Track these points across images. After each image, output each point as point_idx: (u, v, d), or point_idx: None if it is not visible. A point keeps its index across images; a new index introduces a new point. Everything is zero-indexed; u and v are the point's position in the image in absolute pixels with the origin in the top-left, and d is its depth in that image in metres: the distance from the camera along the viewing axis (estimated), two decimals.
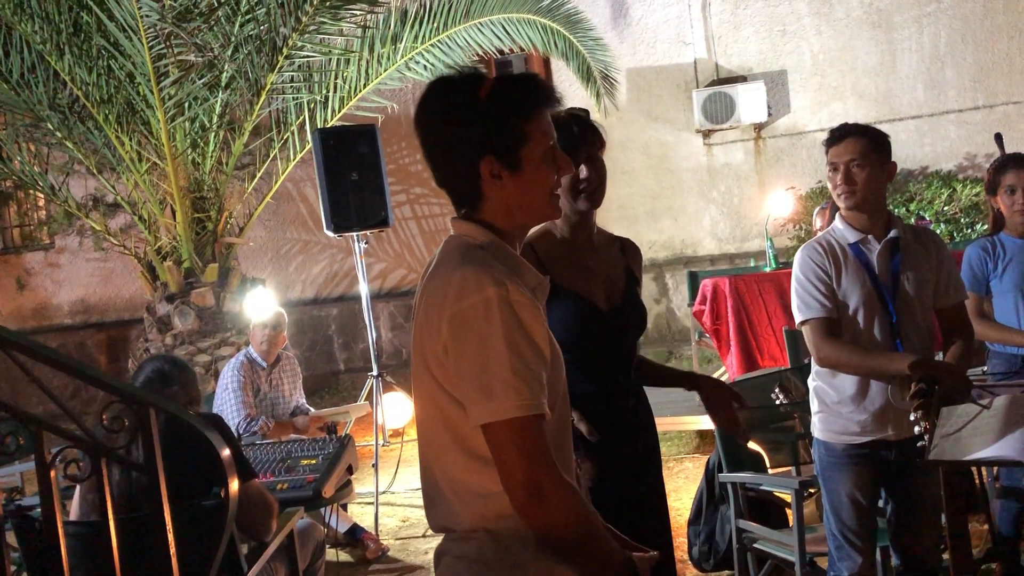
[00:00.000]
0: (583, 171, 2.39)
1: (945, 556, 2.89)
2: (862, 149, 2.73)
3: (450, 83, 1.68)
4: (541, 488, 1.53)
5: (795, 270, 2.84)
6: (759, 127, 8.98)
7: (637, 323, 2.51)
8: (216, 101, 6.82)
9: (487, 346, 1.53)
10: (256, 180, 7.40)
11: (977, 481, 4.06)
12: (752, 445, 4.10)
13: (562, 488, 1.55)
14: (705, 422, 5.50)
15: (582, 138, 2.39)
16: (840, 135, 2.77)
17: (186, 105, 6.71)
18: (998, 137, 4.84)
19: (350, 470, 3.82)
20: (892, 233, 2.78)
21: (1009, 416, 2.37)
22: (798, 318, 2.81)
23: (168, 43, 6.39)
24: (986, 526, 3.82)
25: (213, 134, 6.97)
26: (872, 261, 2.77)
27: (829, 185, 2.81)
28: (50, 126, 6.91)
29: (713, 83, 8.95)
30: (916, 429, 2.52)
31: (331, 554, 4.63)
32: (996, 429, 2.39)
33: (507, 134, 1.64)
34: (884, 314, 2.74)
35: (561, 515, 1.55)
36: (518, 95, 1.66)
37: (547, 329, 1.64)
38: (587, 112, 2.48)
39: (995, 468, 3.52)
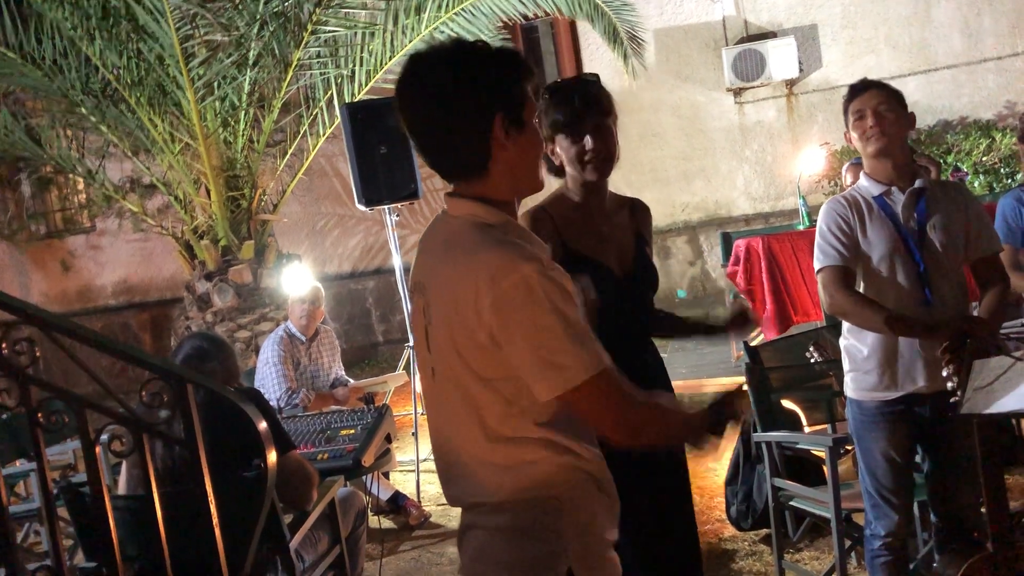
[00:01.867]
0: (588, 142, 2.38)
1: (983, 510, 2.87)
2: (886, 95, 2.77)
3: (452, 48, 1.68)
4: (635, 428, 1.68)
5: (818, 222, 2.85)
6: (791, 83, 8.84)
7: (649, 286, 2.52)
8: (245, 79, 6.87)
9: (538, 323, 1.56)
10: (288, 156, 7.46)
11: (1017, 434, 4.04)
12: (788, 404, 4.11)
13: (648, 415, 1.70)
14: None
15: (585, 108, 2.38)
16: (862, 87, 2.81)
17: (215, 85, 6.78)
18: None
19: (388, 439, 3.88)
20: (917, 183, 2.77)
21: None
22: (816, 267, 2.82)
23: (194, 24, 6.45)
24: None
25: (243, 112, 7.03)
26: (897, 212, 2.76)
27: (855, 134, 2.79)
28: (84, 110, 7.02)
29: (742, 40, 8.81)
30: (949, 385, 2.50)
31: (374, 521, 4.72)
32: None
33: (514, 91, 1.66)
34: (911, 263, 2.72)
35: (656, 435, 1.76)
36: (515, 57, 1.70)
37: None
38: (597, 77, 2.46)
39: None
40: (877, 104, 2.73)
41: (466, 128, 1.65)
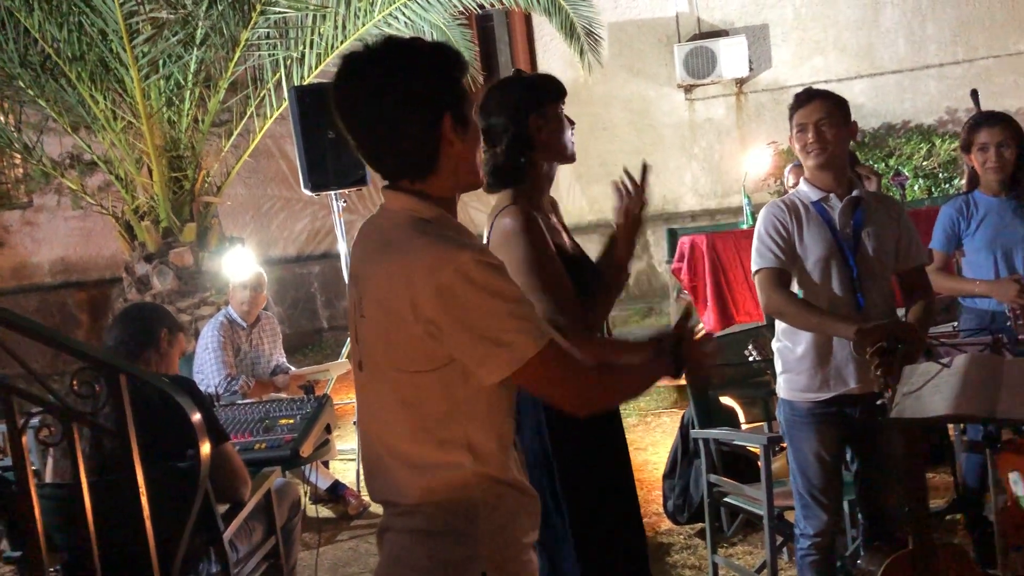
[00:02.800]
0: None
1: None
2: (829, 108, 2.80)
3: (394, 47, 1.65)
4: (590, 396, 1.70)
5: (757, 225, 2.92)
6: (741, 82, 8.95)
7: (592, 276, 2.54)
8: (191, 58, 6.72)
9: (480, 308, 1.55)
10: (234, 138, 7.32)
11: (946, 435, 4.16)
12: (727, 400, 4.18)
13: (602, 380, 1.72)
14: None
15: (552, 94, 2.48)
16: (807, 98, 2.85)
17: (160, 63, 6.62)
18: (974, 93, 4.86)
19: (328, 429, 3.85)
20: (854, 192, 2.85)
21: (968, 374, 2.42)
22: (752, 268, 2.89)
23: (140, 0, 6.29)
24: (952, 478, 3.92)
25: (189, 92, 6.88)
26: (834, 218, 2.83)
27: (796, 146, 2.85)
28: (21, 84, 6.80)
29: (695, 37, 8.89)
30: (876, 388, 2.57)
31: (312, 510, 4.69)
32: (956, 387, 2.44)
33: (459, 89, 1.65)
34: (844, 268, 2.80)
35: (614, 398, 1.83)
36: (454, 53, 1.69)
37: None
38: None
39: (961, 423, 3.59)
40: (819, 119, 2.77)
41: (416, 129, 1.62)
